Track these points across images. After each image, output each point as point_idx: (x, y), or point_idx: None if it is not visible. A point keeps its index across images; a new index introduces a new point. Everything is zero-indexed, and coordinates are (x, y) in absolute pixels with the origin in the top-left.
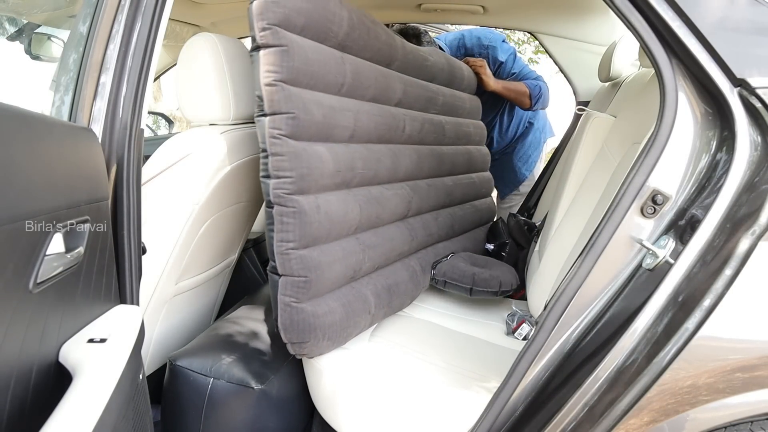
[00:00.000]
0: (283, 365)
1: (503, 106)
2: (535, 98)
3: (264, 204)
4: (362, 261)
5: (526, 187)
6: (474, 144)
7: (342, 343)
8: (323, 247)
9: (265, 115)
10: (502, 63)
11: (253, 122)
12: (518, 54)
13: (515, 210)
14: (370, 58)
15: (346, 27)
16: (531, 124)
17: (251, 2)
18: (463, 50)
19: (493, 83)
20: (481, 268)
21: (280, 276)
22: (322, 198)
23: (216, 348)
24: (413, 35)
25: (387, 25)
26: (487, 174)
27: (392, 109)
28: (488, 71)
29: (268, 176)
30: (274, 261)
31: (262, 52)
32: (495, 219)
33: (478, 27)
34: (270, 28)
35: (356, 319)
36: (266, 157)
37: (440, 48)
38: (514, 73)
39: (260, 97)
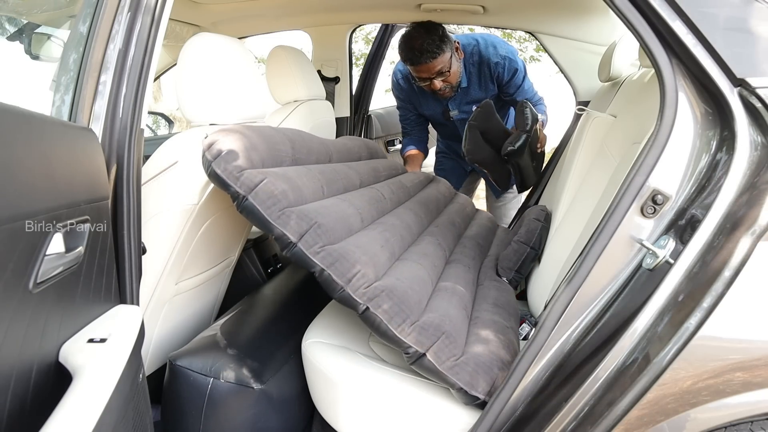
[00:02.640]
0: (284, 365)
1: (506, 112)
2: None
3: (359, 314)
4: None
5: None
6: (430, 182)
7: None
8: (429, 307)
9: (295, 245)
10: (515, 75)
11: (254, 122)
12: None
13: (509, 207)
14: (316, 161)
15: (289, 143)
16: None
17: (207, 173)
18: (477, 57)
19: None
20: (517, 233)
21: (423, 354)
22: (391, 271)
23: (216, 348)
24: (429, 29)
25: (387, 26)
26: (462, 196)
27: (364, 190)
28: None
29: (343, 289)
30: (409, 348)
31: (251, 197)
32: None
33: (490, 34)
34: (241, 173)
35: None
36: (326, 274)
37: (458, 47)
38: (519, 87)
39: (281, 235)
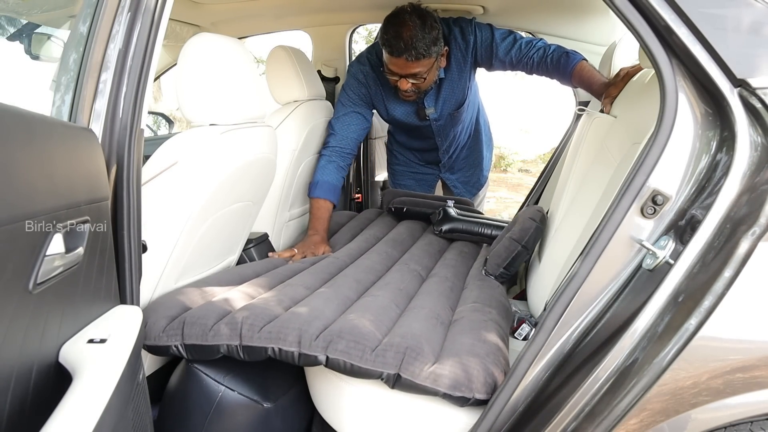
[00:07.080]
0: (294, 386)
1: (473, 108)
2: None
3: (326, 365)
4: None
5: (486, 190)
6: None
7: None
8: (392, 331)
9: (239, 345)
10: (493, 33)
11: (254, 123)
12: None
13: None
14: (255, 275)
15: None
16: (479, 121)
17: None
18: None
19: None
20: (511, 231)
21: (398, 375)
22: (342, 315)
23: (234, 357)
24: (417, 15)
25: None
26: None
27: (311, 268)
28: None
29: (298, 353)
30: (381, 374)
31: (186, 340)
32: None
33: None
34: (164, 330)
35: None
36: (278, 349)
37: (444, 34)
38: (515, 42)
39: (225, 350)
